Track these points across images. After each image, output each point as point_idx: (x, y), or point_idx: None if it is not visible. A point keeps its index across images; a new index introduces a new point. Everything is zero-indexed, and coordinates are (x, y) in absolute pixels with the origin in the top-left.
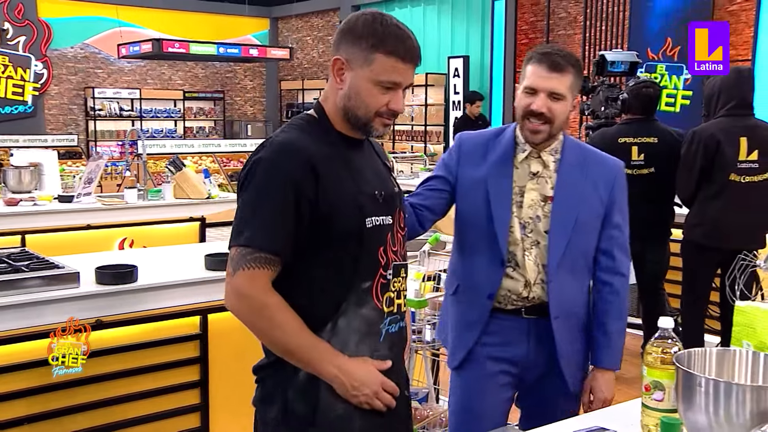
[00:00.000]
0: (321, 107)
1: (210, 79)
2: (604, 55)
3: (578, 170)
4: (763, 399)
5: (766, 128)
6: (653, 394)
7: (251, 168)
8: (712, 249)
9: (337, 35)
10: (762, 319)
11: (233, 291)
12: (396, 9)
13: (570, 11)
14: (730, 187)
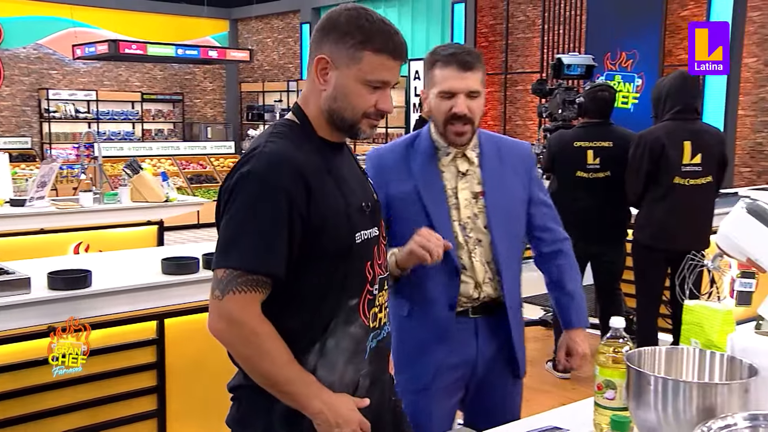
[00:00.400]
0: (302, 111)
1: (168, 81)
2: (561, 58)
3: (497, 161)
4: (708, 395)
5: (710, 132)
6: (605, 392)
7: (238, 181)
8: (660, 250)
9: (318, 33)
10: (709, 317)
11: (222, 316)
12: None
13: (528, 15)
14: (675, 189)
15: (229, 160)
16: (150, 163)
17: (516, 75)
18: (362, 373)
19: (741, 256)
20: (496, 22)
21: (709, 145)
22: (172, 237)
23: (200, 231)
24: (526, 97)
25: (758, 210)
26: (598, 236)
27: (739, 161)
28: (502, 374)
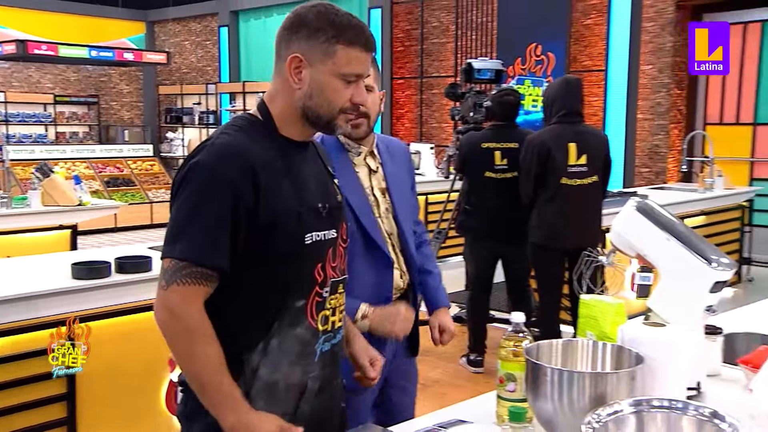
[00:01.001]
0: (266, 108)
1: (83, 83)
2: (471, 63)
3: (389, 156)
4: (600, 384)
5: (594, 134)
6: (507, 385)
7: (188, 172)
8: (553, 249)
9: (286, 32)
10: (603, 311)
11: (165, 306)
12: (275, 15)
13: (442, 20)
14: (562, 190)
15: (147, 163)
16: (64, 166)
17: (431, 79)
18: (311, 375)
19: (631, 251)
20: (411, 28)
21: (594, 147)
22: (87, 241)
23: (118, 235)
24: (441, 100)
25: (647, 208)
26: (506, 235)
27: (639, 162)
28: (404, 355)
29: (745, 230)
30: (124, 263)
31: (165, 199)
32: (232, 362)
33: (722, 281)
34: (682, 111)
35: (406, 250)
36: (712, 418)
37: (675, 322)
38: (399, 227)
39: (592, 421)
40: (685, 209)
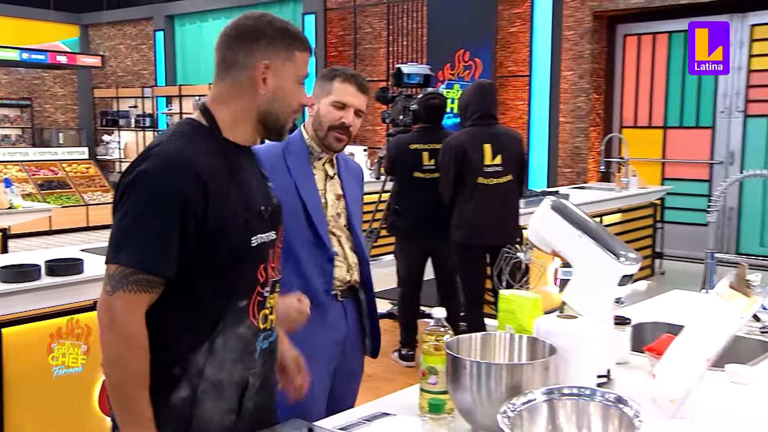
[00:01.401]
0: (210, 112)
1: (15, 86)
2: (401, 68)
3: (346, 171)
4: (516, 375)
5: (508, 134)
6: (429, 378)
7: (135, 179)
8: (474, 247)
9: (241, 41)
10: (521, 305)
11: (107, 310)
12: (210, 20)
13: (374, 27)
14: (479, 189)
15: (83, 166)
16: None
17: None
18: (252, 372)
19: (547, 248)
20: (345, 33)
21: (508, 147)
22: (20, 244)
23: (52, 237)
24: (374, 103)
25: (561, 207)
26: (435, 233)
27: (561, 163)
28: (359, 350)
29: (658, 227)
30: (55, 266)
31: (101, 202)
32: (177, 363)
33: (629, 275)
34: (600, 115)
35: (360, 252)
36: (617, 403)
37: (586, 314)
38: (352, 231)
39: (507, 410)
40: (603, 207)
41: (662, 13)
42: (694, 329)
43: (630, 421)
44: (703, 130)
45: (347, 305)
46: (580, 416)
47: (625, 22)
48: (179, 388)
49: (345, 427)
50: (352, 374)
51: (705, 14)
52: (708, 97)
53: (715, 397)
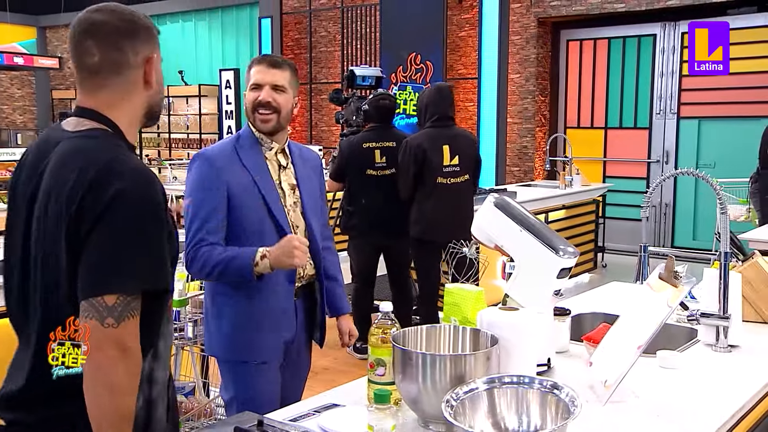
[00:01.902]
0: (108, 119)
1: None
2: (353, 70)
3: (301, 160)
4: (459, 365)
5: (464, 136)
6: (376, 370)
7: (115, 198)
8: (431, 242)
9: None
10: (465, 298)
11: (116, 344)
12: (168, 23)
13: (329, 30)
14: (438, 188)
15: None
16: None
17: (320, 85)
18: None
19: (490, 243)
20: (300, 36)
21: (465, 148)
22: None
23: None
24: (330, 105)
25: (503, 204)
26: (387, 230)
27: (509, 162)
28: (305, 343)
29: (600, 222)
30: None
31: None
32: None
33: (568, 267)
34: (546, 116)
35: (313, 242)
36: (553, 390)
37: (528, 305)
38: (306, 221)
39: (450, 399)
40: (548, 204)
41: (602, 20)
42: (627, 318)
43: (566, 407)
44: (640, 130)
45: (298, 304)
46: (520, 403)
47: (568, 28)
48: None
49: (295, 418)
50: (298, 370)
51: (640, 22)
52: (645, 99)
53: (647, 382)
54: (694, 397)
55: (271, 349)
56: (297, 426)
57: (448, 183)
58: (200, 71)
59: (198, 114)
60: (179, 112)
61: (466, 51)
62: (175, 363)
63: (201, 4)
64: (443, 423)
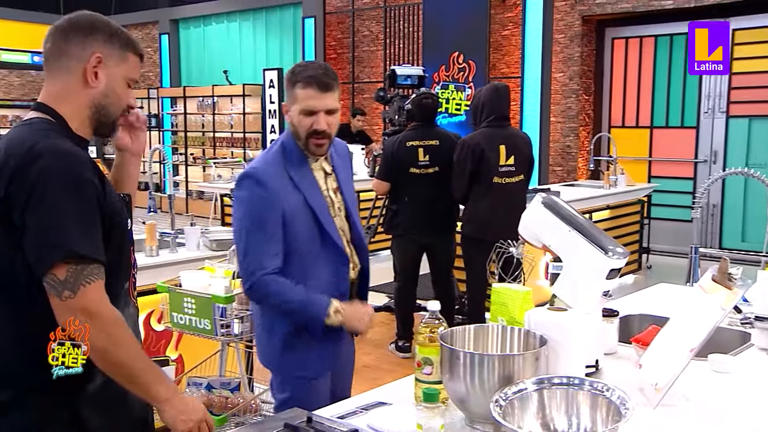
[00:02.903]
0: (52, 110)
1: (26, 88)
2: (395, 69)
3: (338, 157)
4: (508, 365)
5: (519, 136)
6: (423, 369)
7: (38, 179)
8: (483, 241)
9: (74, 34)
10: (512, 298)
11: (78, 312)
12: (213, 23)
13: (372, 30)
14: (494, 188)
15: None
16: None
17: (363, 84)
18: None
19: (538, 243)
20: (343, 36)
21: (520, 148)
22: None
23: None
24: (372, 104)
25: (551, 203)
26: (430, 228)
27: (552, 161)
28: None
29: (644, 222)
30: None
31: None
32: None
33: (617, 268)
34: (589, 115)
35: (359, 240)
36: (605, 392)
37: (576, 306)
38: (351, 221)
39: (499, 399)
40: (592, 204)
41: (648, 18)
42: (679, 321)
43: (617, 409)
44: (687, 129)
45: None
46: (570, 405)
47: (613, 25)
48: (93, 375)
49: (343, 415)
50: (345, 363)
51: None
52: (692, 98)
53: (699, 385)
54: (747, 402)
55: (323, 364)
56: (345, 423)
57: (504, 183)
58: (244, 71)
59: (242, 113)
60: (223, 111)
61: (509, 50)
62: (221, 359)
63: (245, 4)
64: (491, 423)
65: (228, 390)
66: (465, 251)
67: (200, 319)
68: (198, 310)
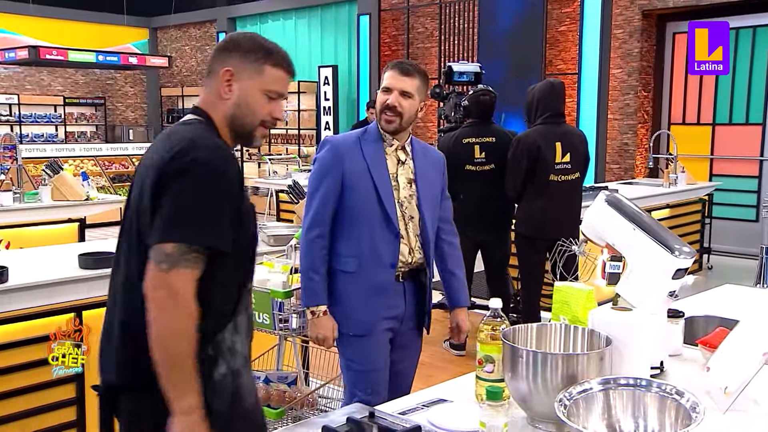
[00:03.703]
0: (206, 114)
1: (91, 86)
2: (451, 66)
3: (423, 158)
4: (572, 365)
5: (575, 133)
6: (485, 366)
7: (186, 166)
8: (540, 239)
9: (220, 51)
10: (575, 296)
11: (164, 287)
12: (270, 21)
13: (427, 27)
14: (550, 186)
15: None
16: (73, 163)
17: None
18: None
19: (601, 241)
20: (398, 33)
21: (576, 146)
22: (95, 234)
23: None
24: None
25: (615, 201)
26: (485, 225)
27: (609, 159)
28: (414, 328)
29: (706, 222)
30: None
31: None
32: (210, 343)
33: (684, 268)
34: (648, 112)
35: (424, 233)
36: (674, 395)
37: (641, 306)
38: (421, 213)
39: (563, 399)
40: (651, 203)
41: (711, 12)
42: (750, 323)
43: (687, 413)
44: (753, 126)
45: (407, 286)
46: (636, 406)
47: (674, 20)
48: (218, 365)
49: (405, 411)
50: (407, 347)
51: (752, 11)
52: (759, 94)
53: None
54: None
55: (370, 323)
56: (407, 420)
57: (560, 180)
58: (300, 68)
59: (297, 110)
60: None
61: (566, 46)
62: (278, 353)
63: (301, 2)
64: (553, 422)
65: (285, 384)
66: (519, 249)
67: (259, 313)
68: (257, 305)
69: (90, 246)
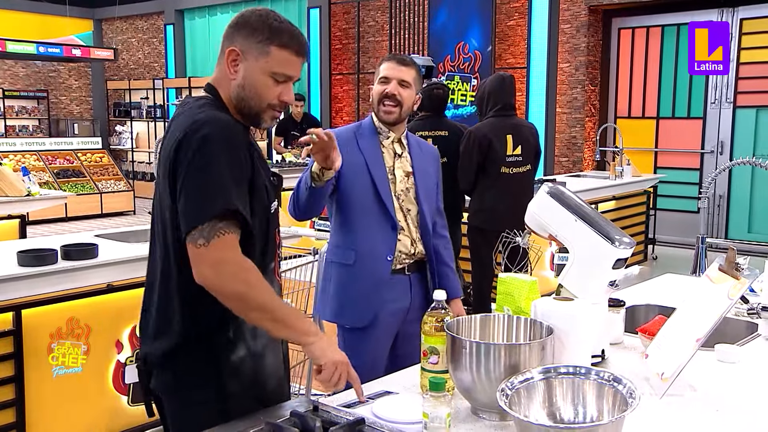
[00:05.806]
0: (215, 91)
1: (32, 78)
2: None
3: (419, 151)
4: (514, 355)
5: (526, 126)
6: (430, 358)
7: (201, 143)
8: (490, 231)
9: (229, 29)
10: (518, 287)
11: (209, 262)
12: (219, 14)
13: (377, 20)
14: (501, 178)
15: (97, 155)
16: (13, 158)
17: (368, 75)
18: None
19: (544, 232)
20: (348, 26)
21: (527, 138)
22: (38, 230)
23: (68, 224)
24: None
25: (557, 193)
26: None
27: (558, 152)
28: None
29: (650, 213)
30: (71, 251)
31: (114, 190)
32: (230, 326)
33: (624, 258)
34: (595, 105)
35: (424, 225)
36: (612, 382)
37: (582, 296)
38: (419, 206)
39: (505, 389)
40: (598, 195)
41: (656, 8)
42: (686, 311)
43: (624, 399)
44: (694, 120)
45: (413, 278)
46: (576, 394)
47: (619, 15)
48: (237, 348)
49: (349, 404)
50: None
51: (695, 8)
52: (699, 88)
53: (705, 375)
54: (754, 392)
55: (371, 315)
56: (351, 412)
57: (511, 173)
58: None
59: None
60: None
61: (515, 40)
62: None
63: None
64: (496, 412)
65: None
66: (471, 242)
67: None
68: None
69: (30, 243)
